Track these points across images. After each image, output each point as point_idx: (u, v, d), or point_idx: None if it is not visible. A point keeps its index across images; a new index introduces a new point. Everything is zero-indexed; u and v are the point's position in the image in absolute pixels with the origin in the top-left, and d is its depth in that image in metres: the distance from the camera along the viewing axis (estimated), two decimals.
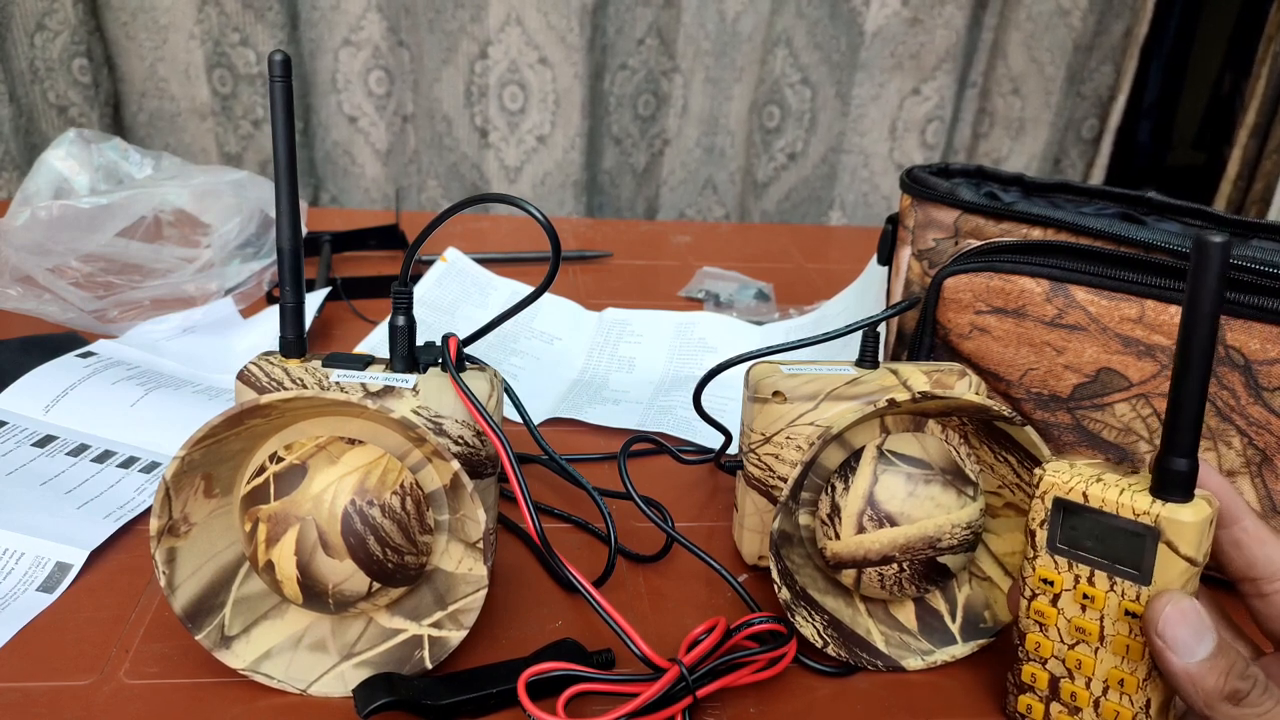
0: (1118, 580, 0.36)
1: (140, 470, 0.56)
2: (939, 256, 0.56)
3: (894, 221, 0.59)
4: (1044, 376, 0.51)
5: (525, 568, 0.52)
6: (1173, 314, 0.48)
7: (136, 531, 0.52)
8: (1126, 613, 0.36)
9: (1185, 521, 0.34)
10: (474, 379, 0.44)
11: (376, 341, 0.76)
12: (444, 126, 1.21)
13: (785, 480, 0.48)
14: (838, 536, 0.44)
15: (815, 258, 1.04)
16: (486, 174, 1.24)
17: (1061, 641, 0.38)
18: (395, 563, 0.40)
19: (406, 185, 1.26)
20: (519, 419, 0.53)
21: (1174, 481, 0.35)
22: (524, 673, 0.41)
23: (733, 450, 0.58)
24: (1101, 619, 0.37)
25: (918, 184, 0.56)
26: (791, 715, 0.43)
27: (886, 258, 0.60)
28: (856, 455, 0.45)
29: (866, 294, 0.73)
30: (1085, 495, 0.37)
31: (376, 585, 0.40)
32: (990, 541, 0.48)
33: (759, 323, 0.84)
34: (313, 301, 0.75)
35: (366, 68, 1.18)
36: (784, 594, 0.44)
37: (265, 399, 0.38)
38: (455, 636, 0.42)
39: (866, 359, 0.49)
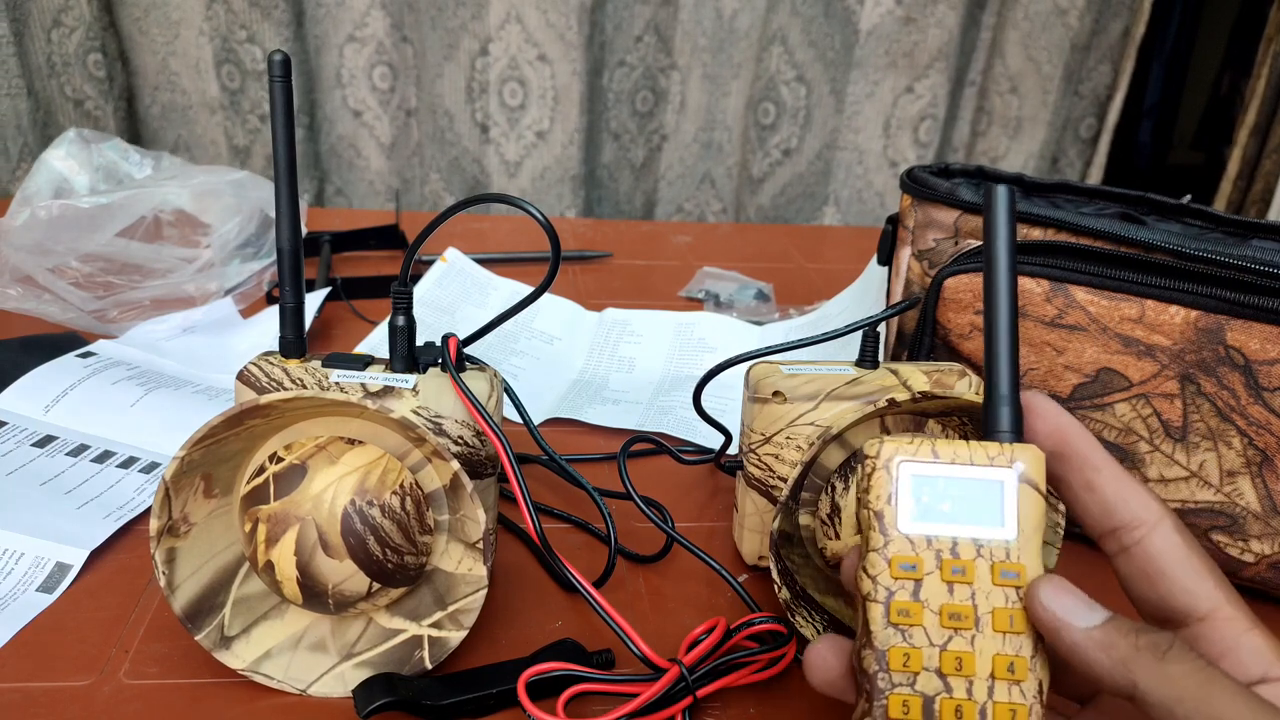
0: (983, 543, 0.32)
1: (140, 470, 0.56)
2: (939, 256, 0.56)
3: (894, 221, 0.59)
4: (1044, 376, 0.51)
5: (525, 568, 0.52)
6: (1173, 314, 0.48)
7: (136, 531, 0.52)
8: (1002, 575, 0.32)
9: (1035, 457, 0.32)
10: (474, 379, 0.44)
11: (376, 341, 0.76)
12: (446, 121, 1.22)
13: (785, 480, 0.48)
14: (838, 536, 0.44)
15: (815, 258, 1.04)
16: (487, 169, 1.24)
17: (932, 644, 0.32)
18: (395, 563, 0.40)
19: (409, 179, 1.27)
20: (519, 419, 0.53)
21: (1007, 427, 0.33)
22: (524, 673, 0.41)
23: (733, 450, 0.58)
24: (973, 595, 0.32)
25: (918, 184, 0.56)
26: (791, 715, 0.43)
27: (886, 258, 0.60)
28: (856, 455, 0.45)
29: (866, 294, 0.73)
30: (935, 452, 0.33)
31: (376, 585, 0.40)
32: None
33: (759, 323, 0.84)
34: (313, 301, 0.75)
35: (370, 63, 1.19)
36: (784, 594, 0.44)
37: (265, 399, 0.38)
38: (455, 637, 0.42)
39: (866, 359, 0.49)
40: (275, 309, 0.78)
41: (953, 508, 0.32)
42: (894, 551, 0.33)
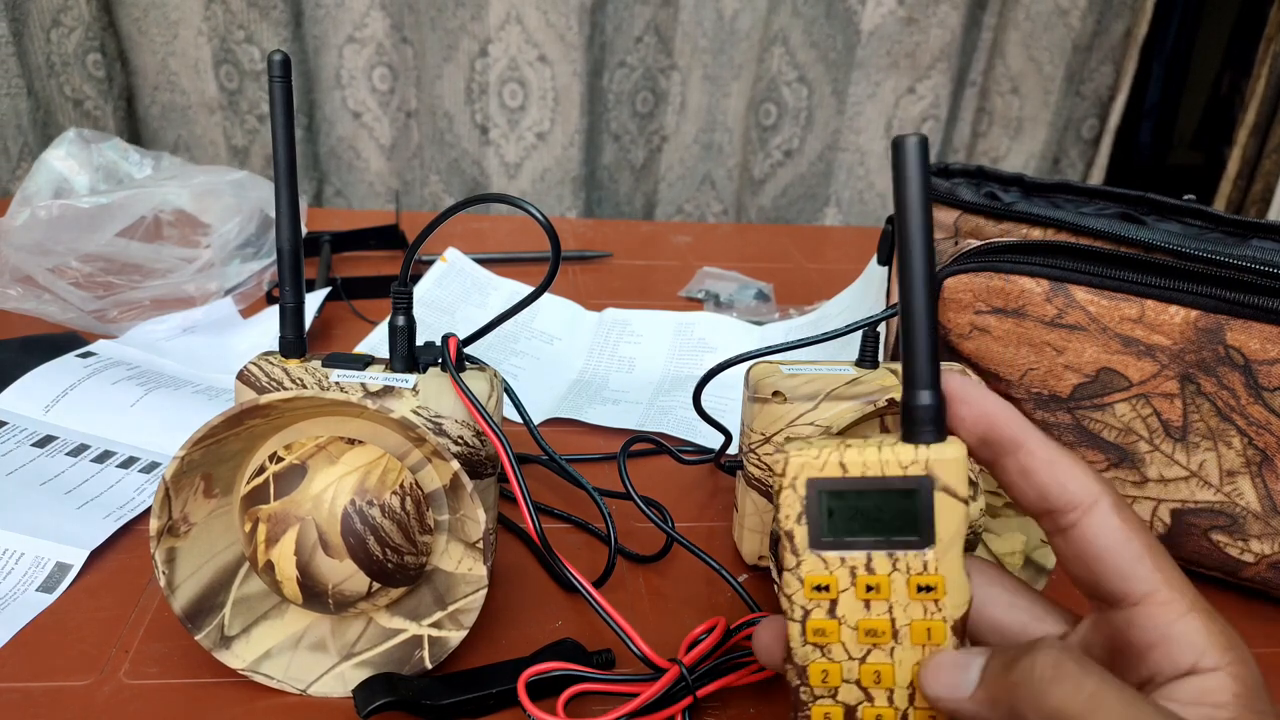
0: (899, 555, 0.31)
1: (140, 470, 0.56)
2: (939, 257, 0.56)
3: (894, 221, 0.59)
4: (1044, 376, 0.51)
5: (525, 568, 0.52)
6: (1173, 314, 0.48)
7: (136, 531, 0.52)
8: (919, 589, 0.31)
9: (954, 458, 0.30)
10: (474, 379, 0.44)
11: (376, 341, 0.76)
12: (445, 123, 1.22)
13: None
14: None
15: (815, 258, 1.04)
16: (487, 170, 1.24)
17: (851, 658, 0.32)
18: (395, 563, 0.40)
19: (409, 180, 1.27)
20: (519, 419, 0.53)
21: (925, 419, 0.30)
22: (524, 673, 0.41)
23: (733, 450, 0.58)
24: (890, 609, 0.31)
25: None
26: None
27: (886, 258, 0.60)
28: None
29: (866, 294, 0.73)
30: (843, 465, 0.30)
31: (376, 585, 0.40)
32: (990, 542, 0.48)
33: (759, 323, 0.84)
34: (313, 301, 0.75)
35: (370, 64, 1.19)
36: None
37: (265, 399, 0.38)
38: (455, 636, 0.42)
39: (866, 359, 0.49)
40: (275, 309, 0.78)
41: (865, 522, 0.31)
42: (806, 571, 0.31)
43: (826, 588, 0.31)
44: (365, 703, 0.39)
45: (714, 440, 0.63)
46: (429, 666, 0.42)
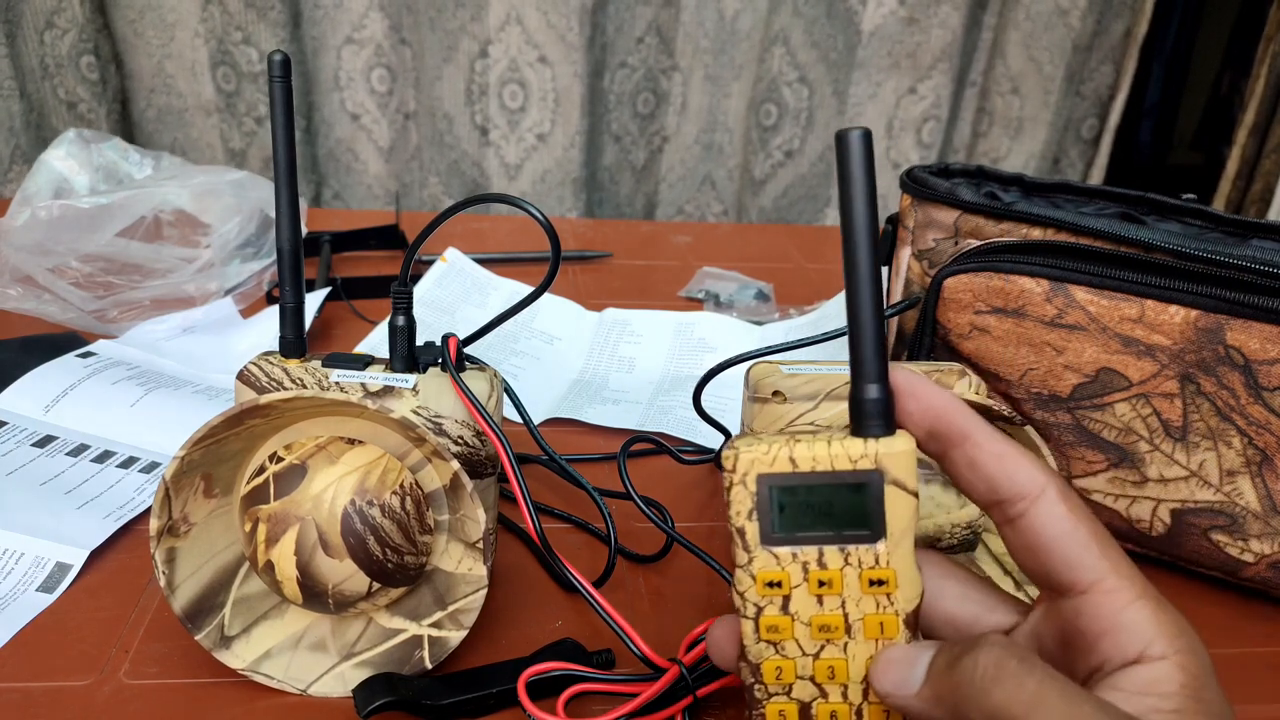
0: (851, 550, 0.31)
1: (140, 470, 0.56)
2: (939, 256, 0.56)
3: (894, 221, 0.59)
4: (1044, 376, 0.51)
5: (525, 568, 0.52)
6: (1173, 314, 0.48)
7: (136, 531, 0.52)
8: (871, 583, 0.31)
9: (903, 451, 0.30)
10: (474, 379, 0.44)
11: (376, 341, 0.76)
12: (445, 124, 1.22)
13: None
14: None
15: (815, 258, 1.04)
16: (487, 172, 1.24)
17: (804, 654, 0.32)
18: (395, 563, 0.40)
19: (408, 182, 1.26)
20: (519, 419, 0.53)
21: (874, 412, 0.30)
22: (524, 673, 0.41)
23: None
24: (843, 604, 0.31)
25: (917, 184, 0.56)
26: None
27: (886, 258, 0.60)
28: None
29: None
30: (793, 460, 0.30)
31: (376, 585, 0.40)
32: (990, 541, 0.48)
33: (759, 323, 0.84)
34: (313, 301, 0.75)
35: (369, 66, 1.19)
36: None
37: (265, 399, 0.38)
38: (455, 636, 0.42)
39: None
40: (275, 309, 0.78)
41: (816, 517, 0.31)
42: (758, 568, 0.31)
43: (779, 584, 0.31)
44: (365, 703, 0.39)
45: (714, 440, 0.63)
46: (429, 666, 0.42)
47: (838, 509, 0.31)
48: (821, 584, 0.31)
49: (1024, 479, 0.29)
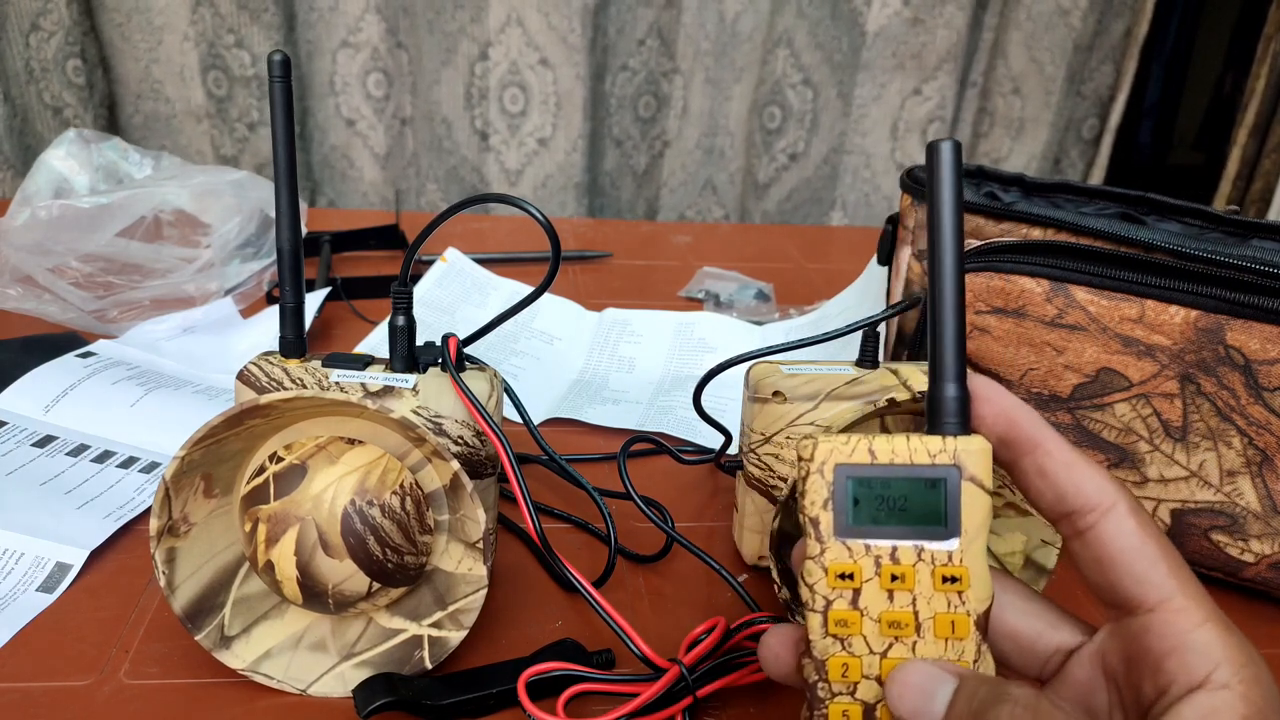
0: (925, 546, 0.31)
1: (140, 470, 0.56)
2: None
3: (894, 221, 0.59)
4: (1044, 376, 0.51)
5: (525, 568, 0.52)
6: (1173, 314, 0.48)
7: (136, 531, 0.52)
8: (944, 580, 0.31)
9: (980, 449, 0.30)
10: (474, 379, 0.44)
11: (376, 341, 0.76)
12: (443, 129, 1.21)
13: (785, 480, 0.48)
14: None
15: (815, 258, 1.04)
16: (487, 177, 1.23)
17: (872, 652, 0.31)
18: (395, 563, 0.40)
19: (405, 190, 1.25)
20: (519, 419, 0.53)
21: (952, 410, 0.30)
22: (524, 673, 0.41)
23: (733, 450, 0.58)
24: (914, 601, 0.31)
25: (918, 184, 0.56)
26: (791, 715, 0.43)
27: (886, 258, 0.60)
28: None
29: (866, 294, 0.73)
30: (872, 452, 0.31)
31: (376, 585, 0.40)
32: (991, 541, 0.48)
33: (759, 323, 0.84)
34: (313, 301, 0.75)
35: (365, 70, 1.18)
36: (784, 594, 0.44)
37: (265, 399, 0.38)
38: (455, 636, 0.42)
39: (866, 359, 0.49)
40: (275, 309, 0.78)
41: (891, 510, 0.31)
42: (830, 559, 0.31)
43: (851, 576, 0.31)
44: (365, 703, 0.39)
45: (714, 440, 0.63)
46: (429, 666, 0.42)
47: (913, 504, 0.31)
48: (894, 579, 0.31)
49: (1093, 490, 0.29)
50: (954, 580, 0.30)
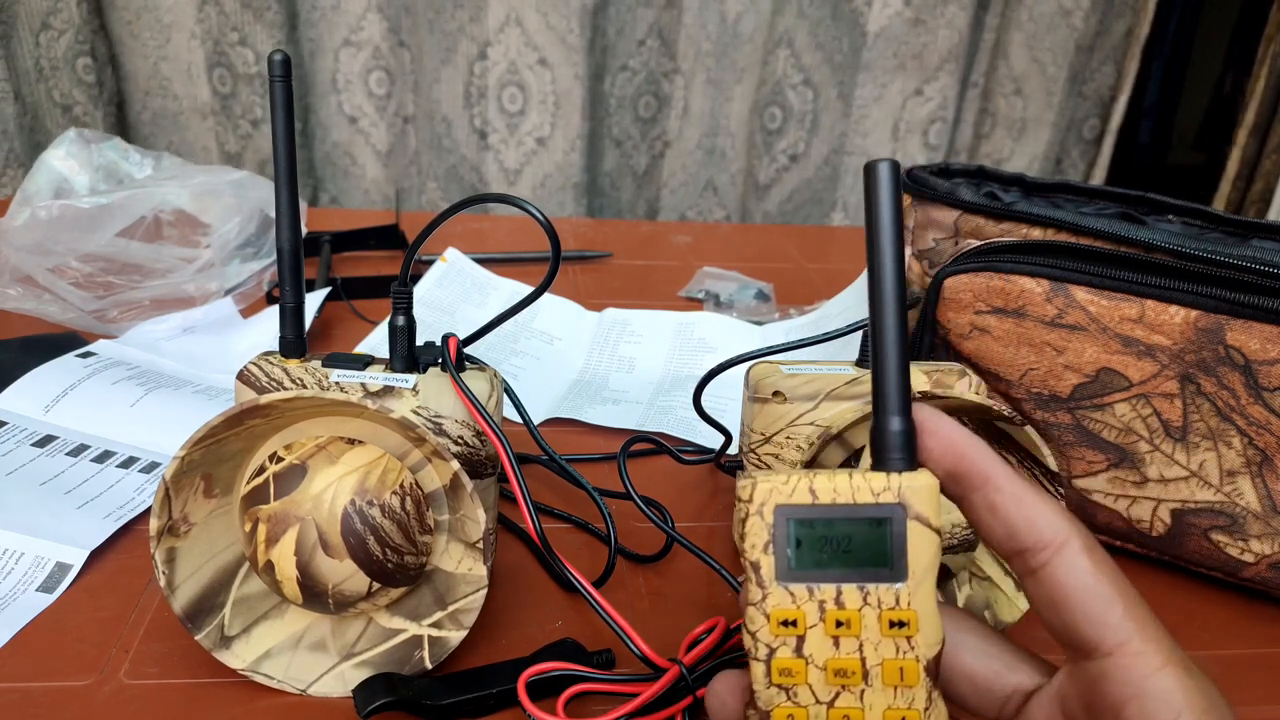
0: (870, 589, 0.29)
1: (140, 470, 0.56)
2: (939, 256, 0.56)
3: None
4: (1044, 376, 0.51)
5: (525, 568, 0.52)
6: (1173, 314, 0.48)
7: (136, 531, 0.52)
8: (891, 625, 0.29)
9: (926, 486, 0.29)
10: (474, 379, 0.44)
11: (376, 341, 0.76)
12: (444, 128, 1.21)
13: None
14: None
15: (815, 258, 1.04)
16: (486, 176, 1.24)
17: (819, 701, 0.29)
18: (395, 563, 0.40)
19: (406, 187, 1.26)
20: (519, 419, 0.53)
21: (896, 445, 0.29)
22: (524, 673, 0.41)
23: (733, 450, 0.58)
24: (861, 647, 0.29)
25: (918, 184, 0.56)
26: None
27: None
28: (856, 455, 0.45)
29: (866, 294, 0.73)
30: (813, 492, 0.29)
31: (376, 585, 0.40)
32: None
33: (759, 323, 0.84)
34: (313, 301, 0.75)
35: (367, 68, 1.18)
36: None
37: (265, 399, 0.38)
38: (455, 636, 0.42)
39: (866, 359, 0.49)
40: (275, 309, 0.78)
41: (835, 553, 0.29)
42: (773, 605, 0.29)
43: (794, 623, 0.29)
44: (365, 703, 0.39)
45: (714, 440, 0.63)
46: (429, 666, 0.42)
47: (857, 545, 0.29)
48: (839, 624, 0.29)
49: (1045, 526, 0.28)
50: (902, 625, 0.29)
